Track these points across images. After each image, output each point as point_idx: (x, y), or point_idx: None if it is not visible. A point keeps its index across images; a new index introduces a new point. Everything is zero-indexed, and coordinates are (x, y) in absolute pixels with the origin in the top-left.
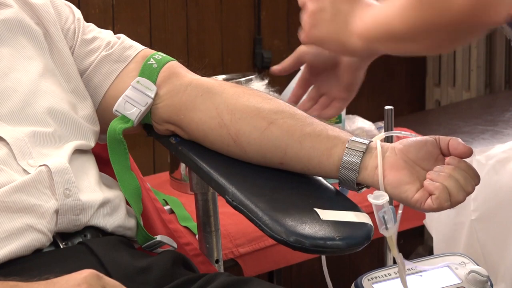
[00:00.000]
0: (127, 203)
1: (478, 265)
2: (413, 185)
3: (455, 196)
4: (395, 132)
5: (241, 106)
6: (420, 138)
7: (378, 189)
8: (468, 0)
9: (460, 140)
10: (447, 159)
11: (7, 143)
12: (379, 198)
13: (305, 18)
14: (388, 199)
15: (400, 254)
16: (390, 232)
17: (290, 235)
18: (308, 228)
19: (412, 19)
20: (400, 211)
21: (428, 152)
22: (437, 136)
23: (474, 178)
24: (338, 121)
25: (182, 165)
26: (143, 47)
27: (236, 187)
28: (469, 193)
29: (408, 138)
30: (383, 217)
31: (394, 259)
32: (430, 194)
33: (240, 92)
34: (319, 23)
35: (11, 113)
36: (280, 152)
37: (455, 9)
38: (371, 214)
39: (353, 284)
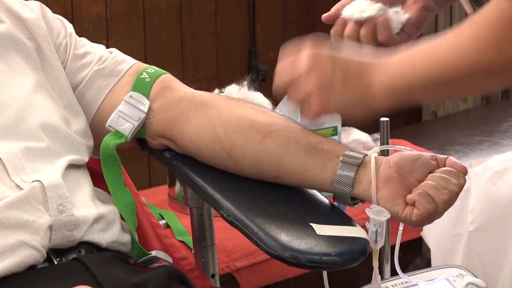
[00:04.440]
0: (122, 218)
1: (476, 277)
2: (404, 200)
3: (437, 196)
4: (390, 146)
5: (235, 119)
6: (416, 152)
7: (372, 203)
8: None
9: (456, 159)
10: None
11: (0, 159)
12: (379, 214)
13: (310, 93)
14: (389, 216)
15: (377, 270)
16: (379, 246)
17: (285, 250)
18: (303, 244)
19: (476, 59)
20: (401, 228)
21: (422, 165)
22: (434, 155)
23: (455, 177)
24: (334, 133)
25: (177, 184)
26: (136, 61)
27: (231, 202)
28: (452, 191)
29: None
30: (376, 231)
31: (391, 271)
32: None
33: (234, 105)
34: (331, 92)
35: (4, 128)
36: (275, 165)
37: None
38: (364, 227)
39: None
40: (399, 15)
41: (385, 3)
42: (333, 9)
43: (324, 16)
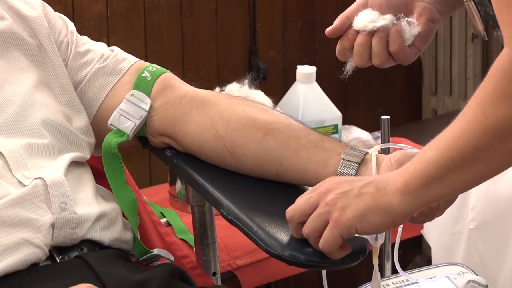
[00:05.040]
0: (124, 216)
1: (477, 275)
2: None
3: None
4: (390, 144)
5: (236, 117)
6: (416, 150)
7: None
8: None
9: None
10: None
11: (2, 155)
12: None
13: (325, 208)
14: None
15: (377, 267)
16: (379, 243)
17: (285, 250)
18: (303, 243)
19: (485, 124)
20: (401, 226)
21: None
22: None
23: None
24: (334, 131)
25: (178, 182)
26: (137, 59)
27: (231, 200)
28: None
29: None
30: None
31: (392, 269)
32: None
33: (235, 103)
34: (347, 203)
35: (6, 125)
36: (276, 163)
37: None
38: None
39: None
40: (411, 27)
41: (392, 14)
42: (337, 22)
43: (328, 30)
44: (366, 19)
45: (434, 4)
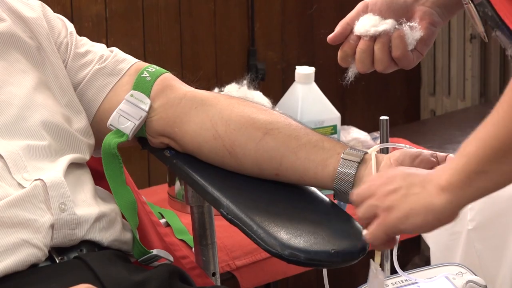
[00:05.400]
0: (123, 216)
1: (475, 275)
2: None
3: None
4: (390, 144)
5: (236, 117)
6: (416, 149)
7: None
8: None
9: None
10: None
11: (2, 157)
12: None
13: (376, 202)
14: None
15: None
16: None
17: (284, 248)
18: (303, 242)
19: None
20: None
21: (423, 162)
22: (434, 152)
23: None
24: (333, 132)
25: (177, 183)
26: (137, 60)
27: (231, 200)
28: None
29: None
30: None
31: (391, 269)
32: None
33: (234, 103)
34: (394, 204)
35: (5, 127)
36: (275, 163)
37: None
38: None
39: None
40: (414, 31)
41: (393, 19)
42: (338, 28)
43: (330, 37)
44: (367, 24)
45: (434, 8)
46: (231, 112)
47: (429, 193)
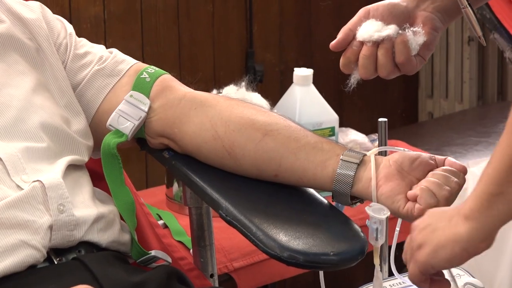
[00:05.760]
0: (121, 218)
1: (473, 277)
2: (405, 196)
3: (438, 192)
4: (388, 148)
5: (235, 118)
6: (414, 152)
7: (372, 200)
8: None
9: (454, 160)
10: None
11: (1, 159)
12: (379, 212)
13: (410, 242)
14: (389, 214)
15: (378, 267)
16: (379, 243)
17: (283, 250)
18: (302, 244)
19: None
20: (397, 229)
21: (421, 164)
22: (432, 155)
23: (455, 175)
24: (331, 134)
25: (175, 184)
26: (136, 61)
27: (229, 202)
28: (453, 188)
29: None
30: (377, 228)
31: (389, 271)
32: (415, 200)
33: (234, 104)
34: (423, 241)
35: (4, 129)
36: (274, 164)
37: None
38: (363, 227)
39: None
40: (417, 36)
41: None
42: (341, 35)
43: (332, 44)
44: (370, 29)
45: (436, 13)
46: (230, 113)
47: (454, 224)
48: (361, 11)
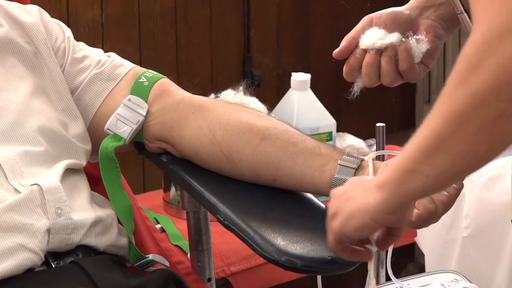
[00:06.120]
0: (119, 222)
1: (471, 282)
2: None
3: (436, 197)
4: (386, 152)
5: (233, 122)
6: None
7: None
8: None
9: None
10: None
11: None
12: None
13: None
14: None
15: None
16: (375, 249)
17: (281, 255)
18: (299, 248)
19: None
20: None
21: None
22: None
23: None
24: (328, 138)
25: (172, 189)
26: (134, 65)
27: (227, 206)
28: (451, 194)
29: None
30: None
31: (386, 277)
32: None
33: (232, 109)
34: (337, 209)
35: (2, 133)
36: (272, 169)
37: None
38: None
39: None
40: (420, 44)
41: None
42: (344, 43)
43: (335, 52)
44: (373, 37)
45: (439, 21)
46: (228, 117)
47: (367, 194)
48: (365, 19)
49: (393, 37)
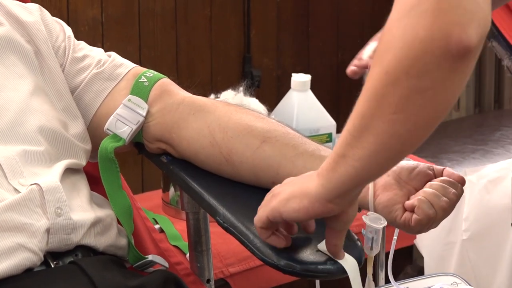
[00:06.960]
0: (118, 222)
1: (470, 285)
2: (402, 206)
3: (436, 203)
4: None
5: (233, 125)
6: (413, 162)
7: (369, 209)
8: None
9: (453, 170)
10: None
11: None
12: (376, 221)
13: (268, 195)
14: (386, 224)
15: (371, 276)
16: (374, 253)
17: (281, 259)
18: (299, 252)
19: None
20: (395, 237)
21: (420, 174)
22: (431, 165)
23: (453, 186)
24: (328, 140)
25: (171, 189)
26: (134, 64)
27: (227, 208)
28: (451, 199)
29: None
30: (372, 238)
31: (385, 279)
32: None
33: (232, 110)
34: (280, 190)
35: (2, 132)
36: (272, 171)
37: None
38: (359, 234)
39: None
40: None
41: None
42: (355, 61)
43: (349, 70)
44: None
45: None
46: (229, 119)
47: (309, 179)
48: (371, 40)
49: None
